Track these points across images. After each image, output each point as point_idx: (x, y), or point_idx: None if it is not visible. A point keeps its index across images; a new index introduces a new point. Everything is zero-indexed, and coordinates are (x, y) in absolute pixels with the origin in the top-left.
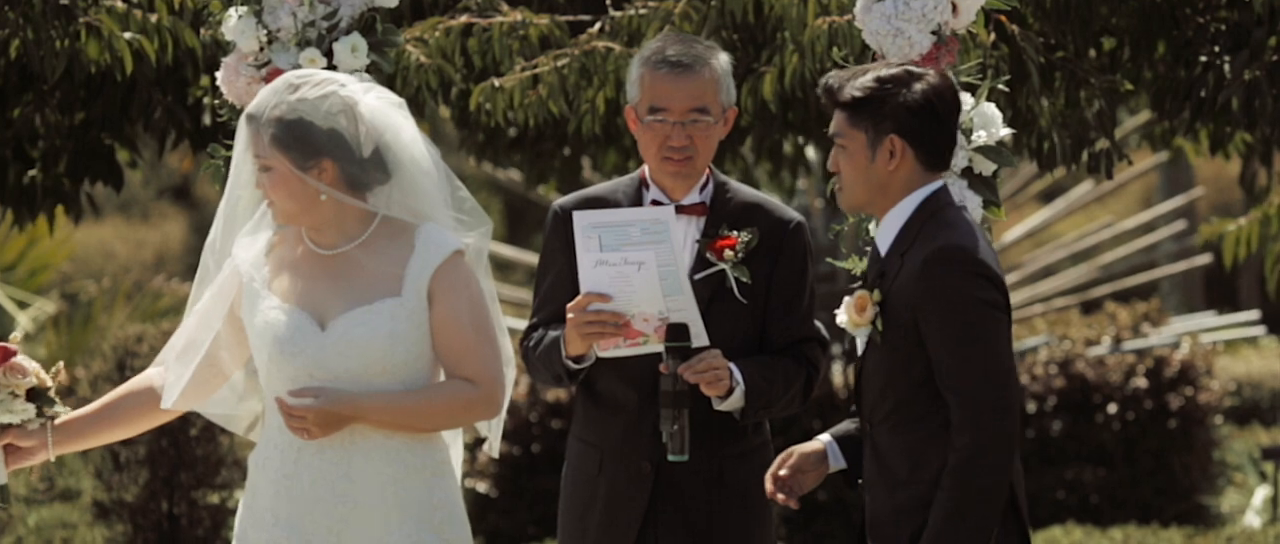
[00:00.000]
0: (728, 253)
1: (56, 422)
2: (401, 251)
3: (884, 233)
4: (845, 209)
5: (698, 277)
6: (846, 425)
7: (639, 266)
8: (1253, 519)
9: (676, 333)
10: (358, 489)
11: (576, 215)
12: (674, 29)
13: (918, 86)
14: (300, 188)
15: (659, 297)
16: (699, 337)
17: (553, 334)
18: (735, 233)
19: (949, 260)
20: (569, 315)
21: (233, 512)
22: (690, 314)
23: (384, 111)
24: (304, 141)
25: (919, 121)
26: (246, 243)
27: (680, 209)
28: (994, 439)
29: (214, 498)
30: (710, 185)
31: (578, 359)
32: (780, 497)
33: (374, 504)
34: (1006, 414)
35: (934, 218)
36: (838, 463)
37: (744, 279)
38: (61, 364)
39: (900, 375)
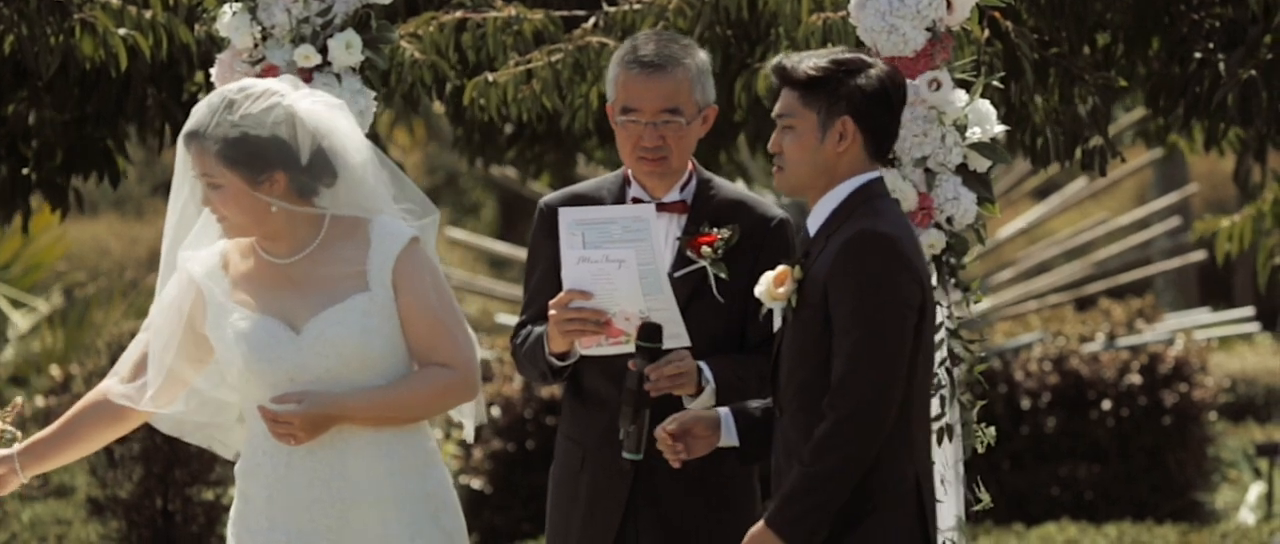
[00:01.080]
0: (706, 250)
1: (16, 448)
2: (358, 248)
3: (816, 215)
4: (782, 191)
5: (678, 274)
6: (750, 404)
7: (619, 264)
8: (1247, 516)
9: (649, 333)
10: (352, 487)
11: (562, 212)
12: (667, 24)
13: (872, 72)
14: (252, 202)
15: (639, 295)
16: (678, 337)
17: (538, 330)
18: (716, 230)
19: (871, 244)
20: (551, 312)
21: (227, 508)
22: (670, 314)
23: (323, 114)
24: (254, 157)
25: (871, 106)
26: (196, 256)
27: (661, 207)
28: (858, 425)
29: (208, 494)
30: (692, 183)
31: (561, 356)
32: (672, 456)
33: (370, 500)
34: (878, 405)
35: (866, 204)
36: (731, 438)
37: (723, 276)
38: (19, 400)
39: (809, 356)
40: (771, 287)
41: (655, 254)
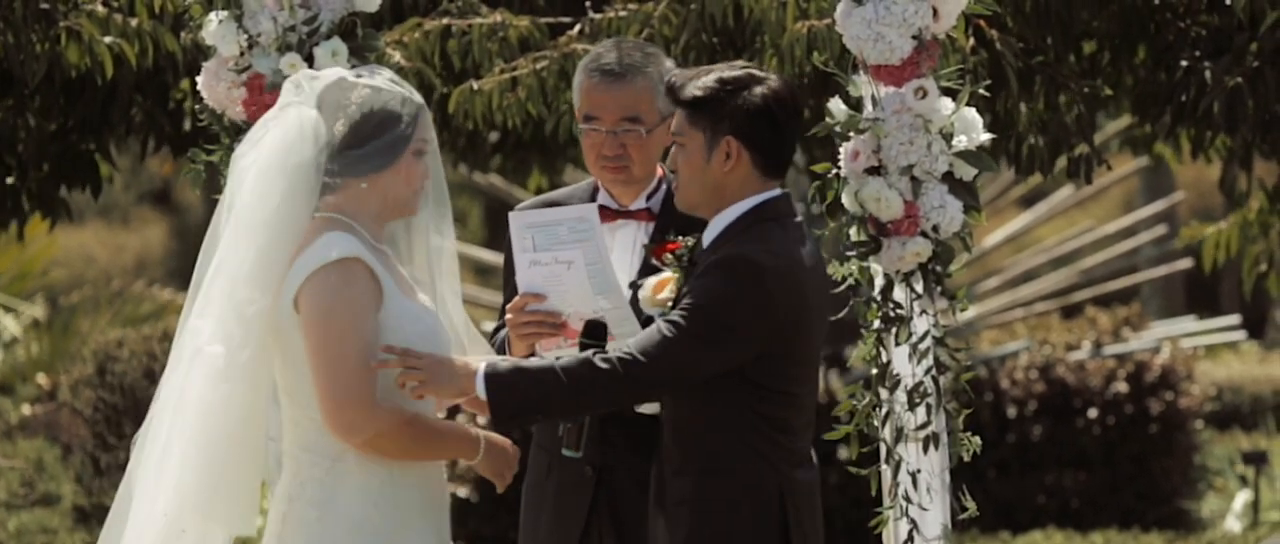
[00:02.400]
0: (669, 257)
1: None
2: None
3: (710, 232)
4: (680, 207)
5: (639, 283)
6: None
7: (568, 266)
8: (1233, 524)
9: (593, 330)
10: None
11: (512, 216)
12: (653, 32)
13: (758, 90)
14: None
15: (590, 295)
16: (631, 335)
17: (503, 335)
18: (681, 238)
19: (733, 266)
20: (508, 317)
21: None
22: (623, 313)
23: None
24: None
25: (756, 125)
26: (341, 240)
27: (627, 214)
28: (619, 384)
29: None
30: (661, 190)
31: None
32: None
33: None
34: (639, 384)
35: (757, 226)
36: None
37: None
38: None
39: None
40: (651, 293)
41: (601, 253)
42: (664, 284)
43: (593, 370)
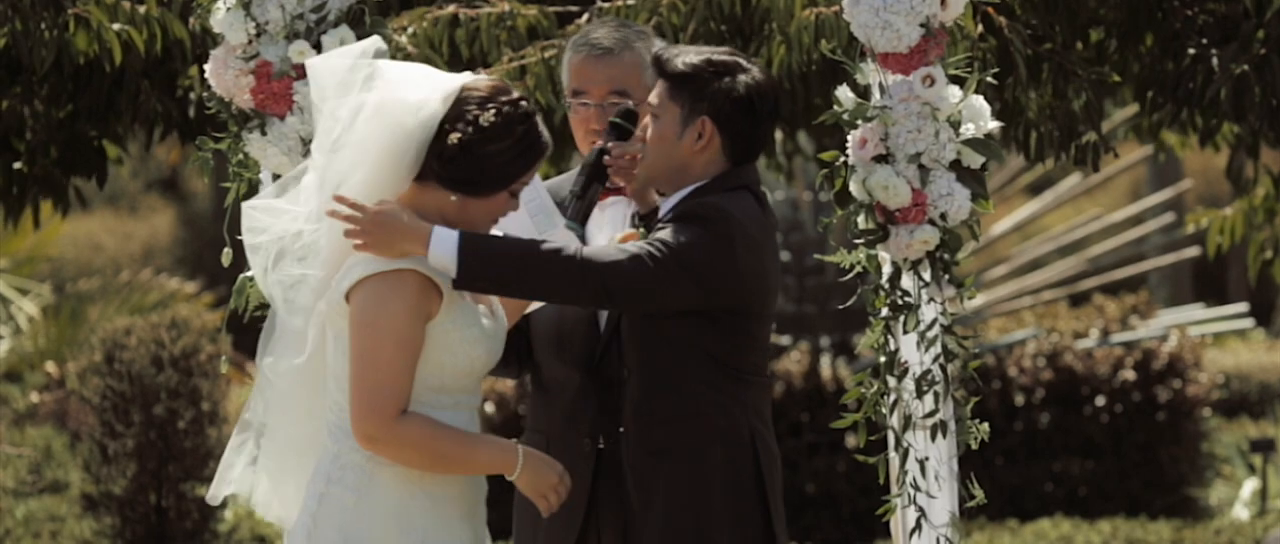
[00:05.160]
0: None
1: None
2: None
3: (668, 202)
4: (640, 181)
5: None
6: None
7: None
8: (1241, 512)
9: (627, 115)
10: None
11: None
12: (661, 20)
13: (743, 78)
14: None
15: (532, 230)
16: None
17: None
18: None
19: (699, 211)
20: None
21: (221, 504)
22: (568, 237)
23: None
24: None
25: (735, 111)
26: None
27: (617, 191)
28: (599, 282)
29: (202, 491)
30: None
31: None
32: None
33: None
34: (600, 293)
35: (727, 190)
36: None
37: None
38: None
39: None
40: (614, 246)
41: (538, 190)
42: (628, 239)
43: (574, 268)
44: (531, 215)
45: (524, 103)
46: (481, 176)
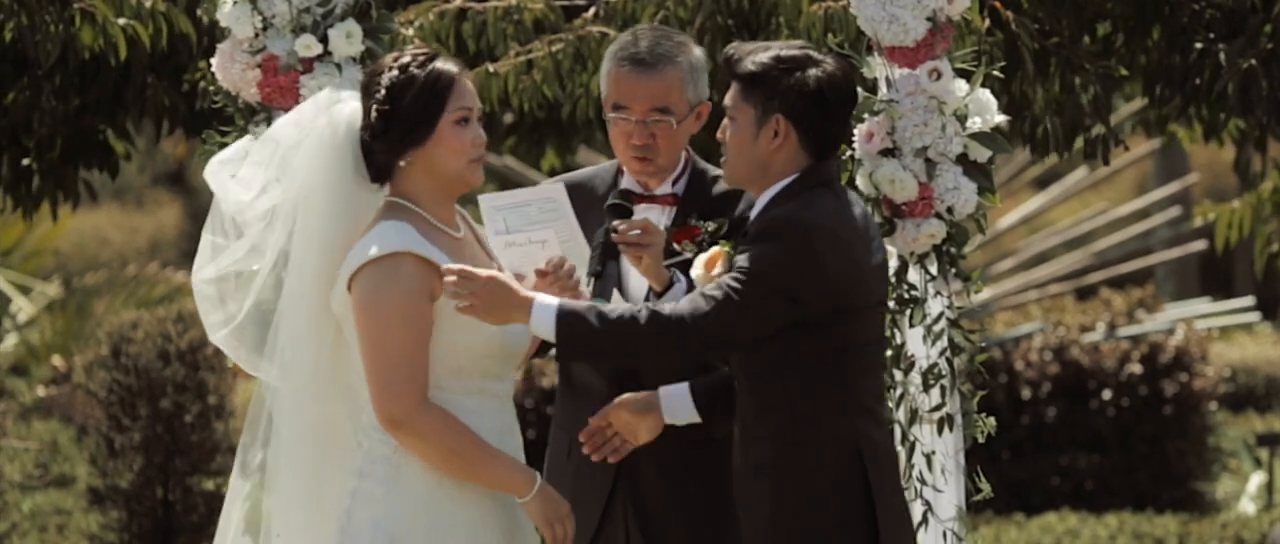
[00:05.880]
0: (688, 243)
1: None
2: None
3: (758, 204)
4: (727, 182)
5: (665, 264)
6: (709, 376)
7: (543, 245)
8: (1247, 505)
9: (623, 194)
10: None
11: (481, 199)
12: (668, 14)
13: (812, 72)
14: None
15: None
16: (607, 296)
17: None
18: (703, 223)
19: (781, 224)
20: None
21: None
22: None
23: None
24: None
25: (807, 106)
26: (389, 232)
27: (652, 199)
28: (669, 340)
29: (209, 484)
30: (686, 174)
31: None
32: (603, 453)
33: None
34: (686, 342)
35: (805, 191)
36: (685, 413)
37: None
38: None
39: None
40: (704, 272)
41: (573, 231)
42: (715, 260)
43: (659, 330)
44: (566, 256)
45: (414, 54)
46: (413, 125)
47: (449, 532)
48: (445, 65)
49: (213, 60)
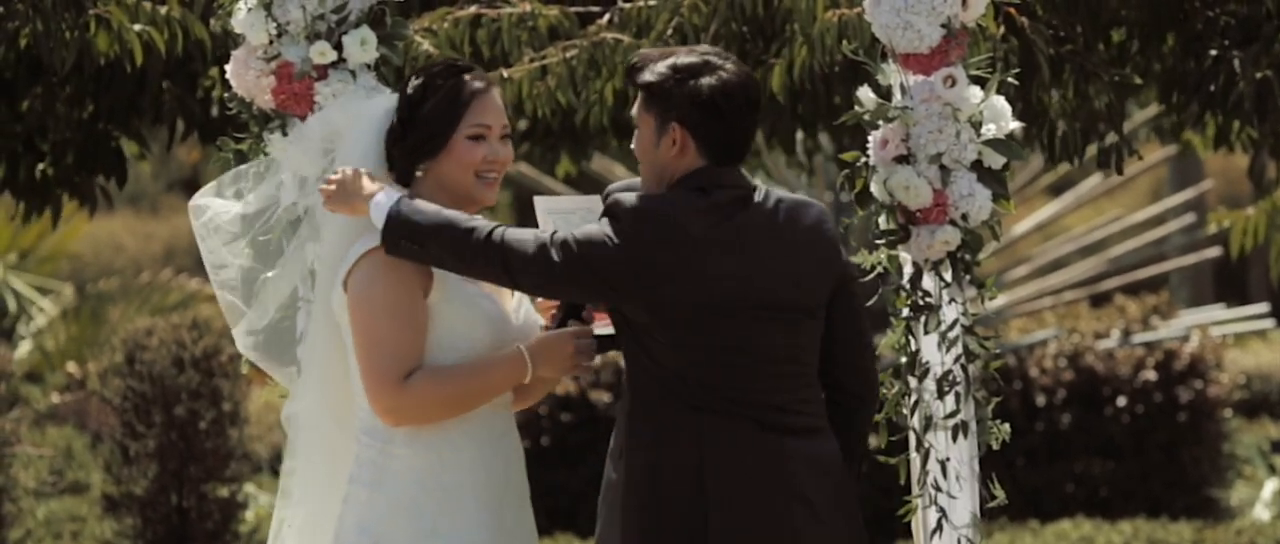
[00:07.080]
0: None
1: None
2: None
3: None
4: (641, 188)
5: None
6: None
7: None
8: (1262, 512)
9: (570, 310)
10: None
11: (537, 200)
12: (682, 20)
13: (706, 80)
14: None
15: None
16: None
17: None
18: None
19: (609, 206)
20: (537, 300)
21: (242, 505)
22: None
23: None
24: None
25: (702, 114)
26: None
27: None
28: (502, 261)
29: (223, 491)
30: None
31: None
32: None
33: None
34: (507, 282)
35: (683, 189)
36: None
37: None
38: None
39: None
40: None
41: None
42: None
43: (483, 243)
44: None
45: (446, 65)
46: (428, 135)
47: (433, 536)
48: (472, 80)
49: (227, 67)
